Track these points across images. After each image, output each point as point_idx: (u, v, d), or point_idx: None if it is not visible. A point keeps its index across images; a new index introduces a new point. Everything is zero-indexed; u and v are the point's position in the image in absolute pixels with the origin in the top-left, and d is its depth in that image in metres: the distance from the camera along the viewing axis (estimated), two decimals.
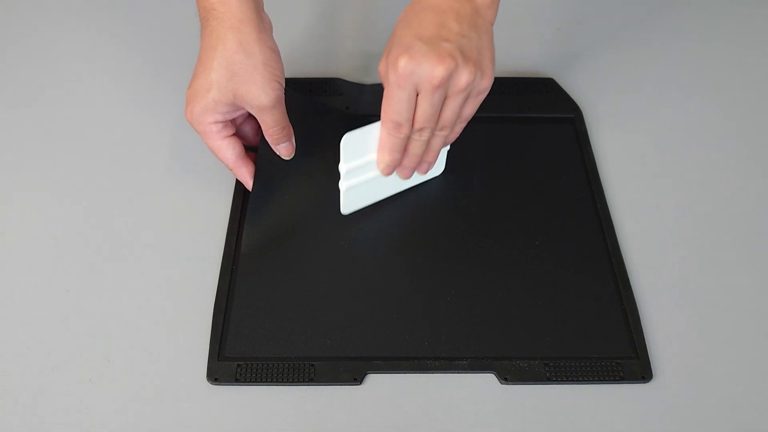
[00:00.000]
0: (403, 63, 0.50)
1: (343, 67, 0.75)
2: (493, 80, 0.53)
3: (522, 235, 0.61)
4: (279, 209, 0.62)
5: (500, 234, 0.61)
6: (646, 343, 0.55)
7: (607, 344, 0.55)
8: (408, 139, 0.55)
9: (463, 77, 0.51)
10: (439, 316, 0.56)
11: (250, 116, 0.62)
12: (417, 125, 0.54)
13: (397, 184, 0.63)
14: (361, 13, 0.80)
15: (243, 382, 0.53)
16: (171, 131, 0.68)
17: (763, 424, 0.52)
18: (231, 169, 0.61)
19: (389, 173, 0.58)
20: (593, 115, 0.71)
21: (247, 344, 0.55)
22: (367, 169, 0.59)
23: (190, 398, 0.53)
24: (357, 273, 0.59)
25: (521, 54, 0.76)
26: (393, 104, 0.53)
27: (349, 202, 0.61)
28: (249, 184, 0.61)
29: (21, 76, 0.74)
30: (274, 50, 0.57)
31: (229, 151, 0.59)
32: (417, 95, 0.52)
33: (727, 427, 0.52)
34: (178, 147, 0.67)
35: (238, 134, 0.61)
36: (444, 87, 0.51)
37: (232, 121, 0.60)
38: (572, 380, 0.53)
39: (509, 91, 0.72)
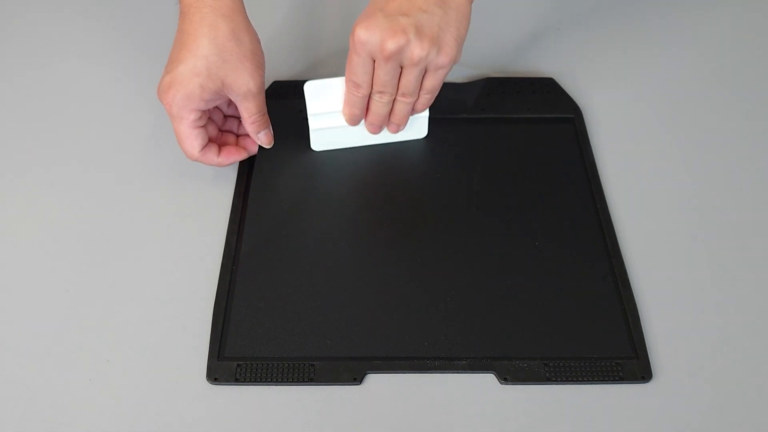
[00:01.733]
0: (359, 32, 0.54)
1: (342, 68, 0.75)
2: (454, 57, 0.56)
3: (522, 235, 0.61)
4: (279, 209, 0.62)
5: (500, 234, 0.61)
6: (646, 343, 0.55)
7: (607, 344, 0.55)
8: (369, 98, 0.60)
9: (415, 52, 0.54)
10: (438, 316, 0.56)
11: (211, 118, 0.63)
12: (375, 88, 0.58)
13: (372, 137, 0.65)
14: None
15: (243, 381, 0.53)
16: (171, 130, 0.68)
17: (763, 424, 0.52)
18: (197, 159, 0.61)
19: (354, 124, 0.63)
20: (593, 115, 0.71)
21: (247, 344, 0.55)
22: (338, 117, 0.63)
23: (190, 398, 0.53)
24: (357, 273, 0.59)
25: (521, 54, 0.76)
26: (351, 67, 0.57)
27: (319, 142, 0.65)
28: (221, 161, 0.62)
29: (20, 75, 0.74)
30: (258, 39, 0.60)
31: (198, 140, 0.60)
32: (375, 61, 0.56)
33: (726, 427, 0.52)
34: (179, 147, 0.67)
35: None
36: (395, 59, 0.55)
37: (206, 112, 0.60)
38: (572, 380, 0.53)
39: (509, 91, 0.72)
